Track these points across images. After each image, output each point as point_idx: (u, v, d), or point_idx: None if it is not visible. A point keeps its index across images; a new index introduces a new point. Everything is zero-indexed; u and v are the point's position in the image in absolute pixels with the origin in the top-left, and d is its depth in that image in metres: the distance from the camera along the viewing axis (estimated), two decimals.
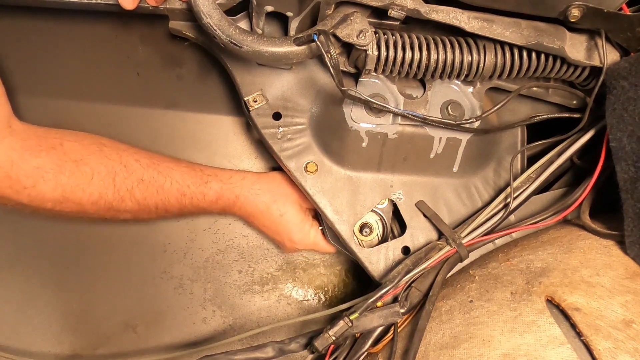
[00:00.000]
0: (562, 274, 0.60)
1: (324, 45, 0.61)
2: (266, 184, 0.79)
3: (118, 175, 0.68)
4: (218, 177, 0.77)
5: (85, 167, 0.65)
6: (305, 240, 0.81)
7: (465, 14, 0.67)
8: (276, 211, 0.78)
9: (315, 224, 0.82)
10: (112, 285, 0.88)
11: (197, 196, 0.75)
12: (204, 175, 0.76)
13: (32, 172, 0.61)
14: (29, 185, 0.62)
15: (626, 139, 0.63)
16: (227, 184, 0.77)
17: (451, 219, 0.76)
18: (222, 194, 0.76)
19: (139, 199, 0.70)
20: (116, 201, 0.68)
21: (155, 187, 0.71)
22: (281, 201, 0.78)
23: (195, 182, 0.75)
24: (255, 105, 0.74)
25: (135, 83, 0.85)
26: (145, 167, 0.71)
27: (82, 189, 0.65)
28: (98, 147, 0.68)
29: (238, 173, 0.79)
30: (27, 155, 0.61)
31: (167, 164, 0.74)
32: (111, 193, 0.67)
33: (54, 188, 0.63)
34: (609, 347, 0.52)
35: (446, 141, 0.74)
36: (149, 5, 0.68)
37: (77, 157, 0.65)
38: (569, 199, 0.71)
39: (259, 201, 0.78)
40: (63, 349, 0.87)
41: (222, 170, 0.79)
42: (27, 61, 0.82)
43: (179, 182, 0.73)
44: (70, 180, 0.64)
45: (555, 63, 0.70)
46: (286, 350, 0.67)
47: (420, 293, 0.67)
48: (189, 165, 0.76)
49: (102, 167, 0.67)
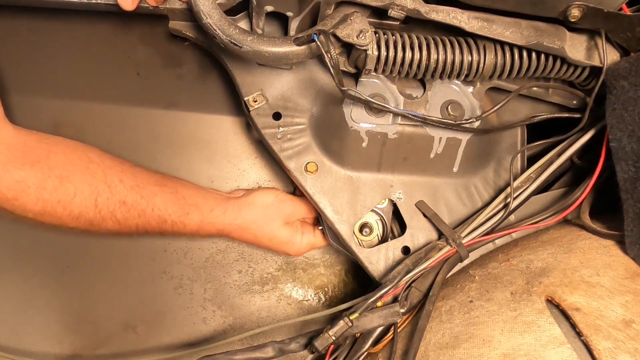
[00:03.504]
0: (562, 274, 0.60)
1: (324, 45, 0.61)
2: (248, 214, 0.78)
3: (101, 195, 0.67)
4: (199, 209, 0.75)
5: (69, 185, 0.65)
6: (301, 249, 0.82)
7: (465, 14, 0.67)
8: (264, 237, 0.79)
9: (306, 228, 0.83)
10: (112, 285, 0.88)
11: (178, 225, 0.74)
12: (185, 205, 0.74)
13: (13, 185, 0.61)
14: (10, 197, 0.62)
15: (626, 139, 0.63)
16: (207, 217, 0.76)
17: (451, 219, 0.76)
18: (203, 227, 0.76)
19: (119, 219, 0.70)
20: (97, 220, 0.68)
21: (137, 211, 0.71)
22: (267, 227, 0.79)
23: (176, 211, 0.73)
24: (255, 105, 0.74)
25: (135, 83, 0.85)
26: (129, 189, 0.70)
27: (62, 207, 0.65)
28: (85, 163, 0.68)
29: (219, 205, 0.77)
30: (11, 167, 0.61)
31: (151, 187, 0.72)
32: (92, 213, 0.67)
33: (35, 202, 0.63)
34: (609, 347, 0.52)
35: (446, 141, 0.74)
36: (149, 5, 0.68)
37: (62, 173, 0.65)
38: (569, 199, 0.71)
39: (244, 235, 0.79)
40: (63, 349, 0.87)
41: (205, 200, 0.77)
42: (27, 61, 0.82)
43: (161, 209, 0.72)
44: (52, 196, 0.64)
45: (555, 63, 0.70)
46: (286, 350, 0.67)
47: (420, 293, 0.67)
48: (173, 192, 0.74)
49: (86, 186, 0.66)
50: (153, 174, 0.75)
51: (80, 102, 0.84)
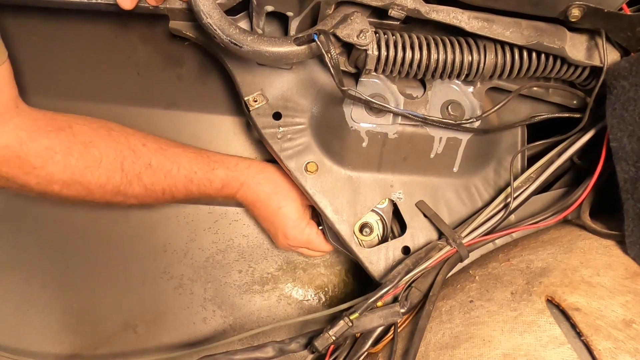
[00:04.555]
0: (563, 274, 0.60)
1: (324, 45, 0.61)
2: (270, 174, 0.79)
3: (126, 159, 0.68)
4: (224, 164, 0.77)
5: (94, 150, 0.65)
6: (299, 237, 0.80)
7: (465, 14, 0.67)
8: (275, 202, 0.78)
9: (312, 223, 0.82)
10: (112, 285, 0.88)
11: (204, 182, 0.75)
12: (210, 161, 0.76)
13: (41, 152, 0.61)
14: (38, 165, 0.61)
15: (626, 139, 0.63)
16: (233, 171, 0.77)
17: (451, 219, 0.76)
18: (228, 181, 0.77)
19: (146, 183, 0.70)
20: (124, 185, 0.68)
21: (163, 173, 0.71)
22: (282, 194, 0.78)
23: (202, 168, 0.75)
24: (255, 105, 0.74)
25: (136, 83, 0.85)
26: (153, 152, 0.71)
27: (90, 172, 0.65)
28: (106, 131, 0.68)
29: (244, 161, 0.79)
30: (37, 136, 0.61)
31: (175, 149, 0.74)
32: (119, 177, 0.67)
33: (63, 169, 0.63)
34: (609, 347, 0.52)
35: (446, 141, 0.74)
36: (149, 5, 0.68)
37: (86, 139, 0.65)
38: (569, 199, 0.71)
39: (260, 190, 0.78)
40: (63, 349, 0.87)
41: (229, 157, 0.79)
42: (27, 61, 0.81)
43: (187, 168, 0.73)
44: (79, 162, 0.64)
45: (556, 63, 0.70)
46: (286, 350, 0.67)
47: (420, 293, 0.67)
48: (196, 151, 0.76)
49: (111, 150, 0.67)
50: (174, 141, 0.76)
51: (80, 102, 0.84)
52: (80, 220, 0.87)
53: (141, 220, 0.89)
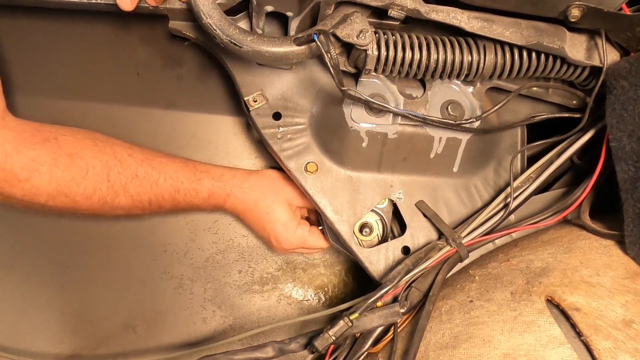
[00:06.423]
0: (562, 274, 0.60)
1: (324, 45, 0.61)
2: (256, 182, 0.79)
3: (112, 170, 0.68)
4: (210, 174, 0.77)
5: (80, 161, 0.65)
6: (291, 240, 0.80)
7: (465, 14, 0.67)
8: (263, 209, 0.79)
9: (303, 222, 0.81)
10: (112, 285, 0.88)
11: (191, 192, 0.75)
12: (197, 171, 0.76)
13: (27, 164, 0.61)
14: (23, 178, 0.61)
15: (626, 138, 0.63)
16: (218, 181, 0.77)
17: (451, 219, 0.76)
18: (214, 191, 0.77)
19: (132, 194, 0.70)
20: (110, 196, 0.68)
21: (149, 183, 0.71)
22: (269, 199, 0.78)
23: (189, 178, 0.75)
24: (255, 105, 0.74)
25: (135, 83, 0.85)
26: (139, 162, 0.71)
27: (76, 183, 0.64)
28: (92, 142, 0.68)
29: (229, 170, 0.79)
30: (22, 148, 0.61)
31: (161, 159, 0.74)
32: (105, 188, 0.67)
33: (49, 182, 0.63)
34: (609, 347, 0.52)
35: (446, 141, 0.74)
36: (149, 5, 0.68)
37: (72, 150, 0.65)
38: (569, 199, 0.71)
39: (247, 199, 0.78)
40: (63, 349, 0.87)
41: (215, 167, 0.79)
42: (27, 61, 0.82)
43: (173, 178, 0.73)
44: (65, 174, 0.63)
45: (555, 63, 0.70)
46: (286, 350, 0.67)
47: (420, 293, 0.67)
48: (182, 161, 0.76)
49: (97, 161, 0.66)
50: (159, 151, 0.76)
51: (80, 102, 0.84)
52: (80, 221, 0.87)
53: (141, 221, 0.89)
